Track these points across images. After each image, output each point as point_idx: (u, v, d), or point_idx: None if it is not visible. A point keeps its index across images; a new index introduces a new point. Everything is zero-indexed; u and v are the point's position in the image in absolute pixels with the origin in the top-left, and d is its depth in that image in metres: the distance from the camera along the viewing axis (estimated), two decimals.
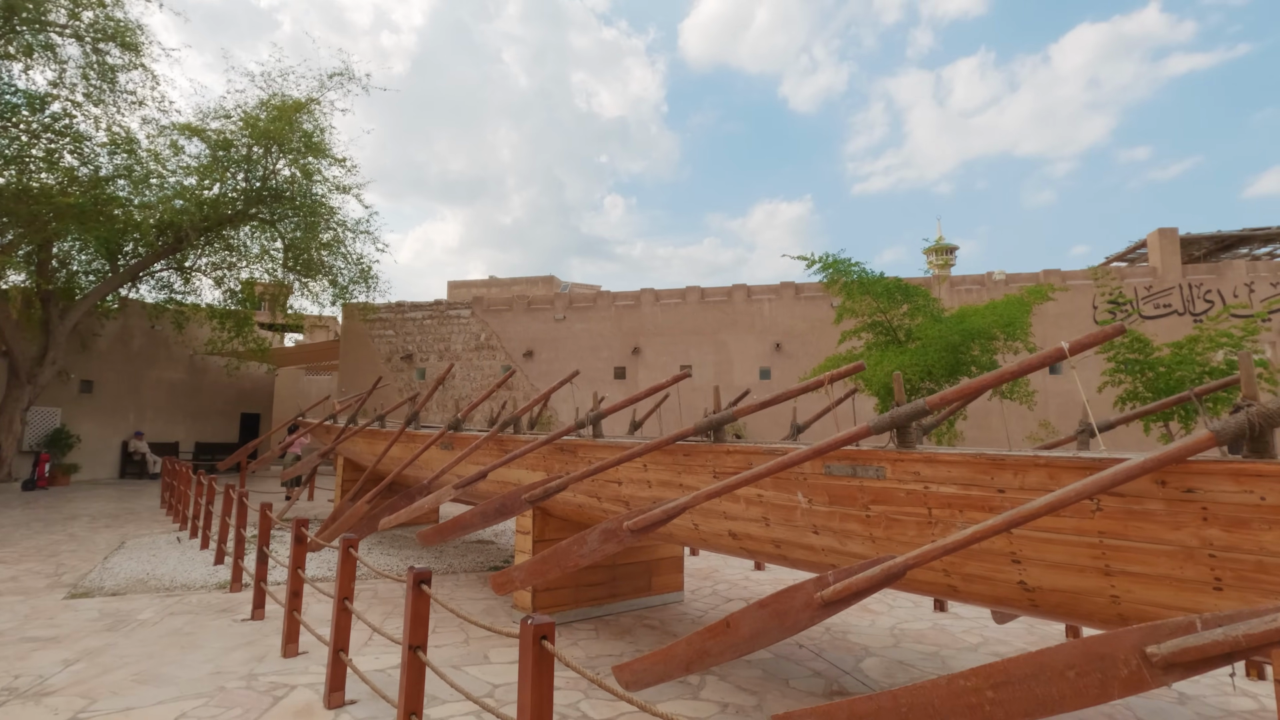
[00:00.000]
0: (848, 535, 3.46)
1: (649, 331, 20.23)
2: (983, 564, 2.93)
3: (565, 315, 20.83)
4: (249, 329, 19.15)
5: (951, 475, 2.97)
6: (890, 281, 12.24)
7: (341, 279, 18.67)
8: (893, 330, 13.07)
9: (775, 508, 3.79)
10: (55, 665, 4.81)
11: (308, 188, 17.52)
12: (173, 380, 21.70)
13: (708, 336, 19.76)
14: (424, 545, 5.40)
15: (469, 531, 5.15)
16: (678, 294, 20.37)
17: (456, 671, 4.72)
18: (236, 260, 18.95)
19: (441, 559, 8.69)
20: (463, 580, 7.73)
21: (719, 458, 4.05)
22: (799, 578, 7.88)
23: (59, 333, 16.14)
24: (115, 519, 12.02)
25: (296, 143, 16.88)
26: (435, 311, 21.89)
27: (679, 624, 6.19)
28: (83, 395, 18.88)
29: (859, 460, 3.32)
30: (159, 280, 18.84)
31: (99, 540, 9.86)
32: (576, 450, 5.32)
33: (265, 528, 6.09)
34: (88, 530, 10.76)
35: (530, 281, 28.52)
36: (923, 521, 3.11)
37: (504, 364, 21.05)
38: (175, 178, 16.63)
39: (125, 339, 20.22)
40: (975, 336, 11.53)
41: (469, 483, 5.66)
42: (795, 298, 19.43)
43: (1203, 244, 19.27)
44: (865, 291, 12.73)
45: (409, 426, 7.92)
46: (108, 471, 19.50)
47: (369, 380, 21.06)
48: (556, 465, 5.62)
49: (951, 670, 3.73)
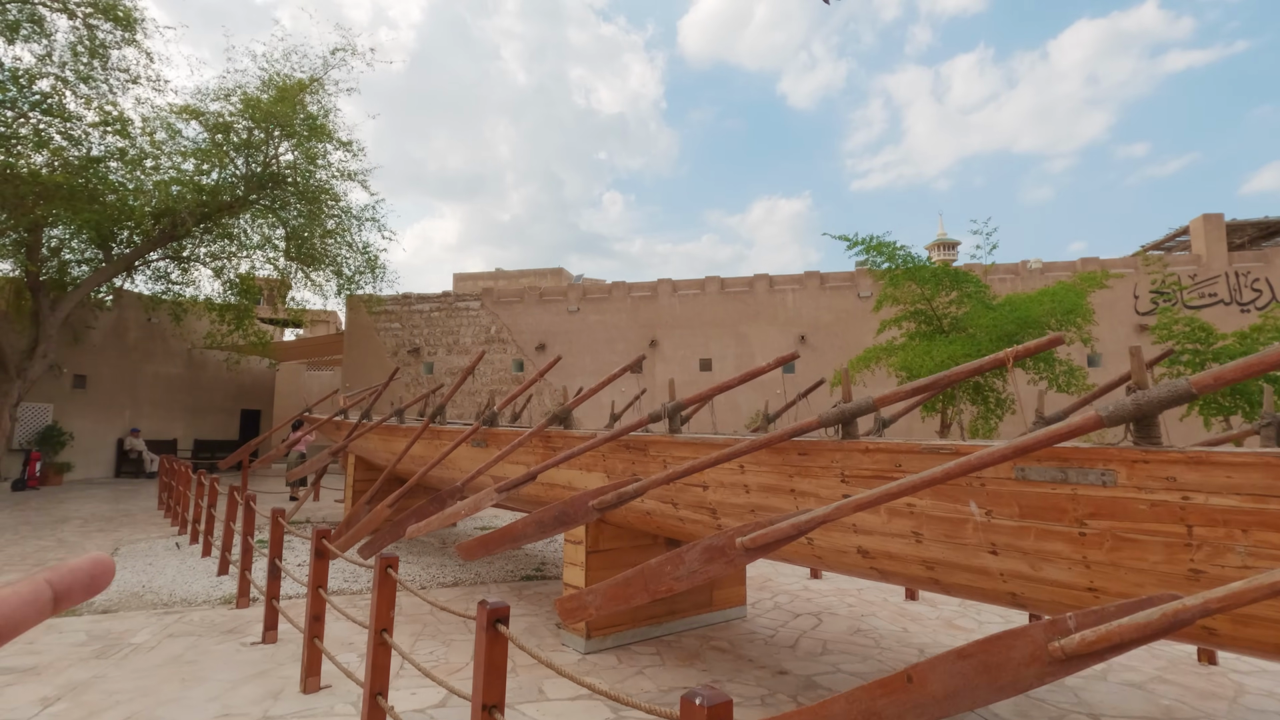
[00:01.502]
0: (1045, 558, 2.68)
1: (667, 323, 19.43)
2: None
3: (579, 307, 20.02)
4: (250, 321, 18.31)
5: (1233, 482, 2.18)
6: (939, 267, 11.45)
7: (347, 268, 17.84)
8: (937, 319, 12.30)
9: (933, 520, 3.00)
10: (32, 705, 4.03)
11: (311, 173, 16.67)
12: (170, 375, 20.86)
13: (728, 328, 18.97)
14: (465, 559, 4.64)
15: (522, 544, 4.37)
16: (696, 284, 19.57)
17: (514, 714, 3.94)
18: (236, 250, 18.10)
19: (466, 567, 7.90)
20: (493, 591, 6.95)
21: (851, 457, 3.26)
22: (881, 593, 7.11)
23: (50, 324, 15.30)
24: (109, 522, 11.23)
25: (300, 125, 16.03)
26: (443, 303, 21.07)
27: (750, 645, 5.41)
28: (76, 391, 18.04)
29: (1075, 461, 2.53)
30: (155, 271, 17.99)
31: (91, 546, 9.07)
32: (647, 448, 4.54)
33: (277, 537, 5.30)
34: (79, 535, 9.97)
35: (538, 274, 27.69)
36: (1176, 543, 2.32)
37: (515, 358, 20.25)
38: (171, 162, 15.77)
39: (120, 332, 19.38)
40: (1029, 325, 10.77)
41: (514, 485, 4.87)
42: (820, 288, 18.64)
43: (1246, 230, 18.51)
44: (910, 277, 11.97)
45: (434, 421, 7.13)
46: (102, 470, 18.68)
47: (374, 375, 20.26)
48: (619, 465, 4.83)
49: None
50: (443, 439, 7.14)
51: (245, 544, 6.29)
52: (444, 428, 7.13)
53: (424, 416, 8.51)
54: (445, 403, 7.10)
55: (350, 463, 10.19)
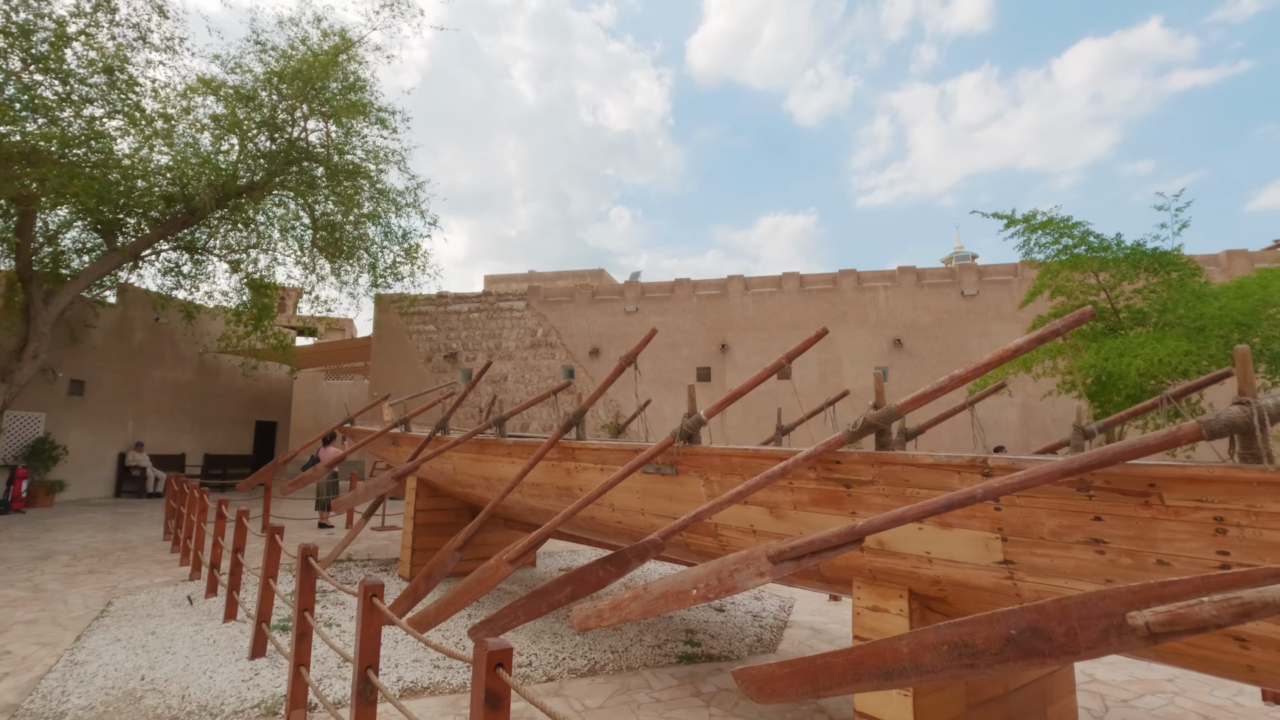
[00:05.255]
0: None
1: (738, 325, 17.23)
2: None
3: (637, 307, 17.84)
4: (269, 320, 16.15)
5: None
6: (1134, 247, 9.21)
7: (383, 260, 15.69)
8: (1115, 312, 10.07)
9: None
10: None
11: (345, 147, 14.58)
12: (179, 382, 18.70)
13: (810, 331, 16.56)
14: (581, 630, 2.59)
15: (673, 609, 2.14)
16: (772, 281, 17.38)
17: None
18: (256, 241, 16.00)
19: (597, 642, 5.65)
20: (655, 684, 4.70)
21: None
22: None
23: (42, 320, 13.17)
24: (103, 558, 9.01)
25: (336, 95, 13.98)
26: (483, 304, 18.91)
27: None
28: (72, 398, 15.86)
29: None
30: (165, 263, 15.90)
31: (74, 598, 6.84)
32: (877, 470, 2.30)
33: (373, 635, 3.08)
34: (62, 578, 7.74)
35: (578, 275, 25.53)
36: None
37: (564, 364, 18.05)
38: (186, 135, 13.73)
39: (124, 333, 17.23)
40: (1269, 306, 8.59)
41: (821, 550, 2.66)
42: (916, 285, 16.42)
43: None
44: (1082, 265, 9.78)
45: (567, 434, 4.90)
46: (101, 489, 16.46)
47: (406, 383, 18.08)
48: (804, 498, 2.62)
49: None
50: (580, 460, 4.91)
51: (300, 620, 4.07)
52: (579, 444, 4.90)
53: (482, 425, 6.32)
54: (586, 409, 4.87)
55: (411, 487, 7.96)
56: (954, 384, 2.86)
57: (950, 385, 2.89)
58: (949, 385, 2.88)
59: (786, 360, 3.64)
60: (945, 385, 2.84)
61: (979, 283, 16.15)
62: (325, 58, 13.55)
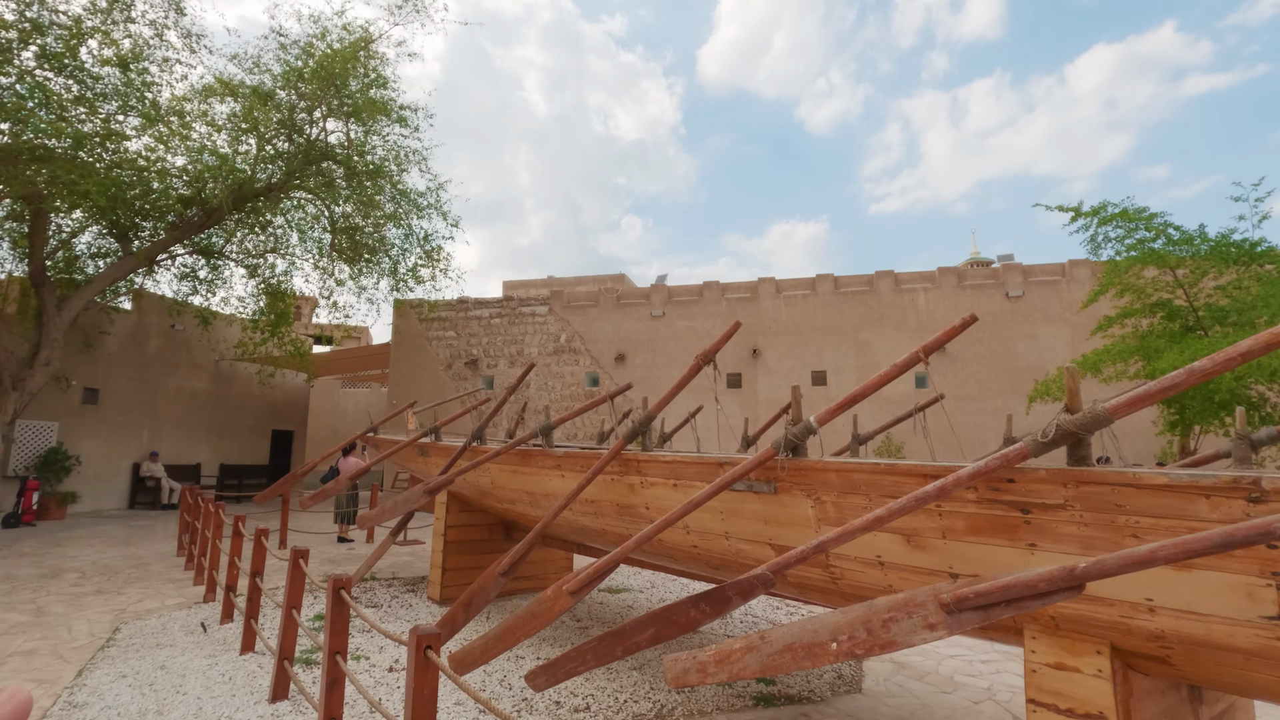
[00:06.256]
0: None
1: (770, 330, 16.56)
2: None
3: (665, 311, 17.23)
4: (287, 325, 15.67)
5: None
6: (1219, 240, 8.47)
7: (403, 264, 15.17)
8: (1194, 310, 9.35)
9: None
10: None
11: (365, 147, 14.11)
12: (195, 390, 18.27)
13: (845, 335, 16.05)
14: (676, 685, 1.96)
15: None
16: (805, 284, 16.72)
17: None
18: (274, 246, 15.56)
19: (654, 679, 5.00)
20: None
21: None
22: None
23: (55, 326, 12.75)
24: (113, 576, 8.47)
25: (356, 93, 13.52)
26: (505, 309, 18.37)
27: None
28: (85, 407, 15.45)
29: None
30: (181, 267, 15.48)
31: (79, 624, 6.29)
32: None
33: (427, 698, 2.46)
34: (68, 599, 7.20)
35: (598, 280, 24.98)
36: None
37: (589, 370, 17.45)
38: (203, 137, 13.31)
39: (139, 339, 16.83)
40: None
41: (995, 601, 2.01)
42: (957, 286, 15.70)
43: None
44: (1164, 260, 9.07)
45: (632, 444, 4.28)
46: (114, 500, 16.02)
47: (426, 390, 17.54)
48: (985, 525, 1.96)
49: None
50: (648, 475, 4.28)
51: (332, 666, 3.46)
52: (646, 456, 4.27)
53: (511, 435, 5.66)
54: (654, 416, 4.24)
55: (441, 501, 7.36)
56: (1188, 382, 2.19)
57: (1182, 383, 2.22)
58: (1187, 380, 2.21)
59: (924, 354, 2.99)
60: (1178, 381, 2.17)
61: (1024, 283, 15.40)
62: (347, 52, 13.11)
